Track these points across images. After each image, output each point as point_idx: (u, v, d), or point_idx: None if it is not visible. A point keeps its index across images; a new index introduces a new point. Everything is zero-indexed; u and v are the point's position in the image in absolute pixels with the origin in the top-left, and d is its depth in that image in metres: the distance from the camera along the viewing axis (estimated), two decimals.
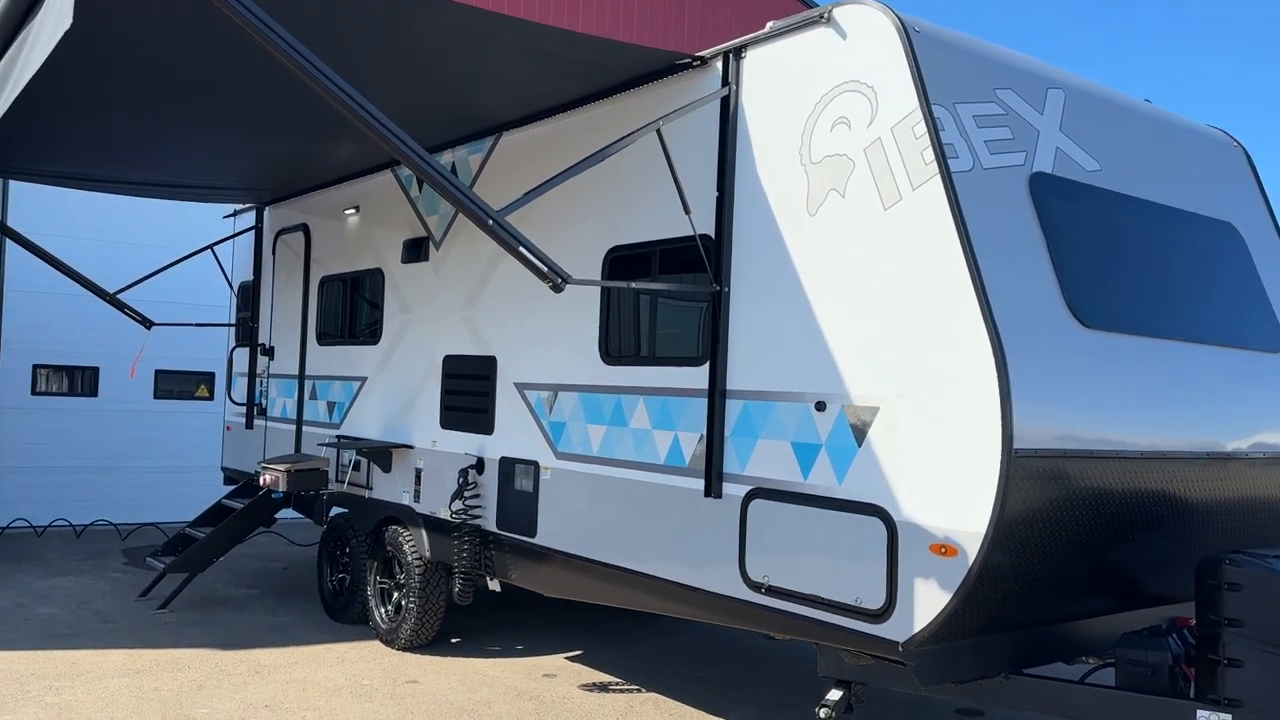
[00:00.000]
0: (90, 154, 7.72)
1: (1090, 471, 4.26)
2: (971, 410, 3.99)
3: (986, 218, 4.23)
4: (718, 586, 5.05)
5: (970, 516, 3.99)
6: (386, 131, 4.04)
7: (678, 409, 5.36)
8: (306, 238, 9.24)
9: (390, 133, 4.05)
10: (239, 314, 10.61)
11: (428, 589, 7.36)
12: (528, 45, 5.18)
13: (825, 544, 4.53)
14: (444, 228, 7.38)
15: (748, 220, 5.04)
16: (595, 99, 6.10)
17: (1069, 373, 4.26)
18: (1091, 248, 4.65)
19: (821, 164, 4.70)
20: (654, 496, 5.45)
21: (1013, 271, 4.21)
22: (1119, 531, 4.52)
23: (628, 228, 5.78)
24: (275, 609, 8.65)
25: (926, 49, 4.42)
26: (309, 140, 7.54)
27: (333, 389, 8.67)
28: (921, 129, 4.28)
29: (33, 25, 4.27)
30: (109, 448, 13.02)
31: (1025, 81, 4.80)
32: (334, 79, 3.94)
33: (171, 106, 6.49)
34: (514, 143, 6.79)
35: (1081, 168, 4.85)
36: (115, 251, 12.35)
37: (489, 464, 6.73)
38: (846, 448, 4.47)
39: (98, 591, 9.05)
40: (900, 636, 4.20)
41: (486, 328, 6.87)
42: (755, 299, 4.99)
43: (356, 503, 8.11)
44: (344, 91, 3.97)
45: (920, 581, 4.14)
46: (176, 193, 9.47)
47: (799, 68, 4.86)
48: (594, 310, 5.95)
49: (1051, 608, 4.54)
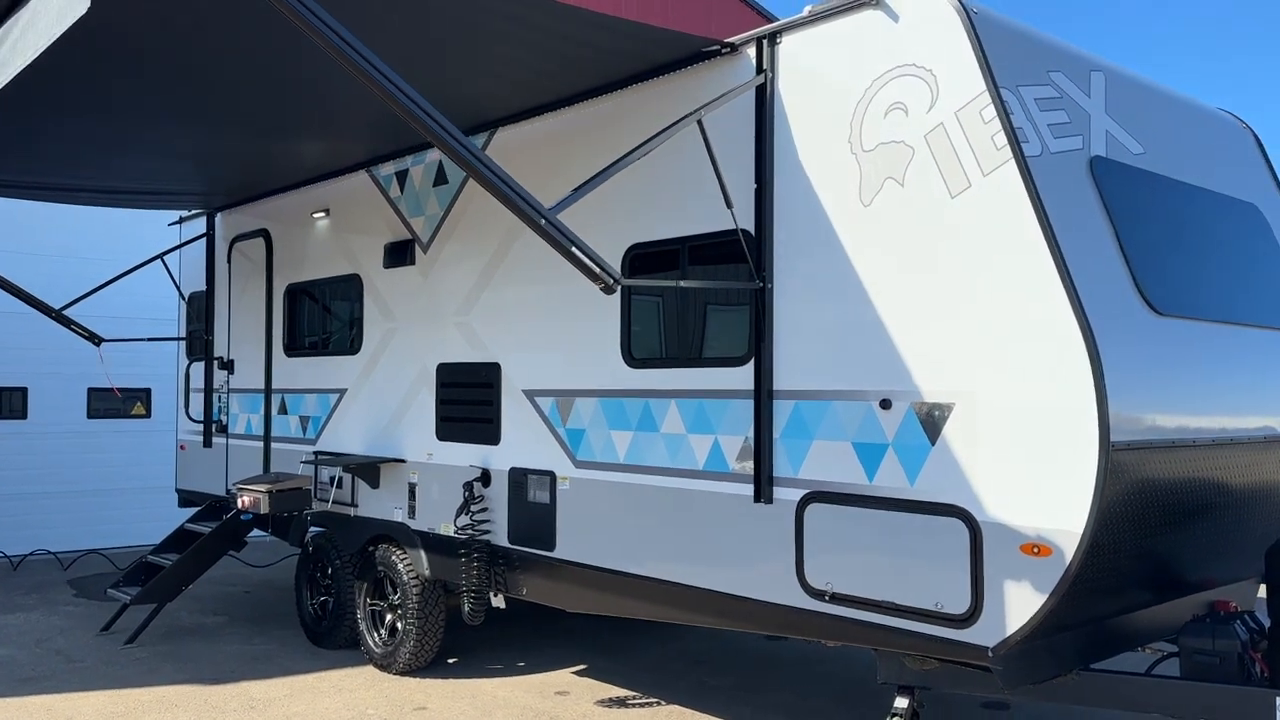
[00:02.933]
0: (38, 160, 7.14)
1: (1170, 461, 4.16)
2: (1064, 403, 3.85)
3: (1060, 203, 4.10)
4: (772, 595, 4.83)
5: (1066, 514, 3.84)
6: (438, 126, 3.72)
7: (717, 411, 5.13)
8: (268, 244, 8.74)
9: (440, 126, 3.73)
10: (190, 327, 10.02)
11: (426, 609, 6.99)
12: (546, 28, 4.87)
13: (897, 548, 4.35)
14: (431, 230, 7.02)
15: (792, 212, 4.84)
16: (603, 91, 5.83)
17: (1147, 361, 4.15)
18: (1149, 232, 4.56)
19: (875, 152, 4.51)
20: (693, 503, 5.21)
21: (1089, 258, 4.09)
22: (1185, 520, 4.44)
23: (650, 224, 5.52)
24: (251, 637, 8.17)
25: (987, 30, 4.27)
26: (273, 139, 7.10)
27: (306, 403, 8.21)
28: (991, 113, 4.12)
29: (20, 15, 3.83)
30: (42, 472, 12.24)
31: (1071, 63, 4.69)
32: (379, 65, 3.60)
33: (130, 104, 6.01)
34: (510, 139, 6.47)
35: (1129, 151, 4.76)
36: (55, 265, 11.60)
37: (496, 476, 6.40)
38: (918, 447, 4.30)
39: (53, 628, 8.43)
40: (990, 640, 4.05)
41: (487, 332, 6.54)
42: (804, 294, 4.78)
43: (340, 521, 7.68)
44: (387, 78, 3.64)
45: (1011, 583, 3.99)
46: (124, 199, 8.88)
47: (844, 53, 4.66)
48: (614, 311, 5.68)
49: (1124, 600, 4.44)
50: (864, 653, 7.46)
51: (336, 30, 3.52)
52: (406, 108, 3.67)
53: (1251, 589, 5.34)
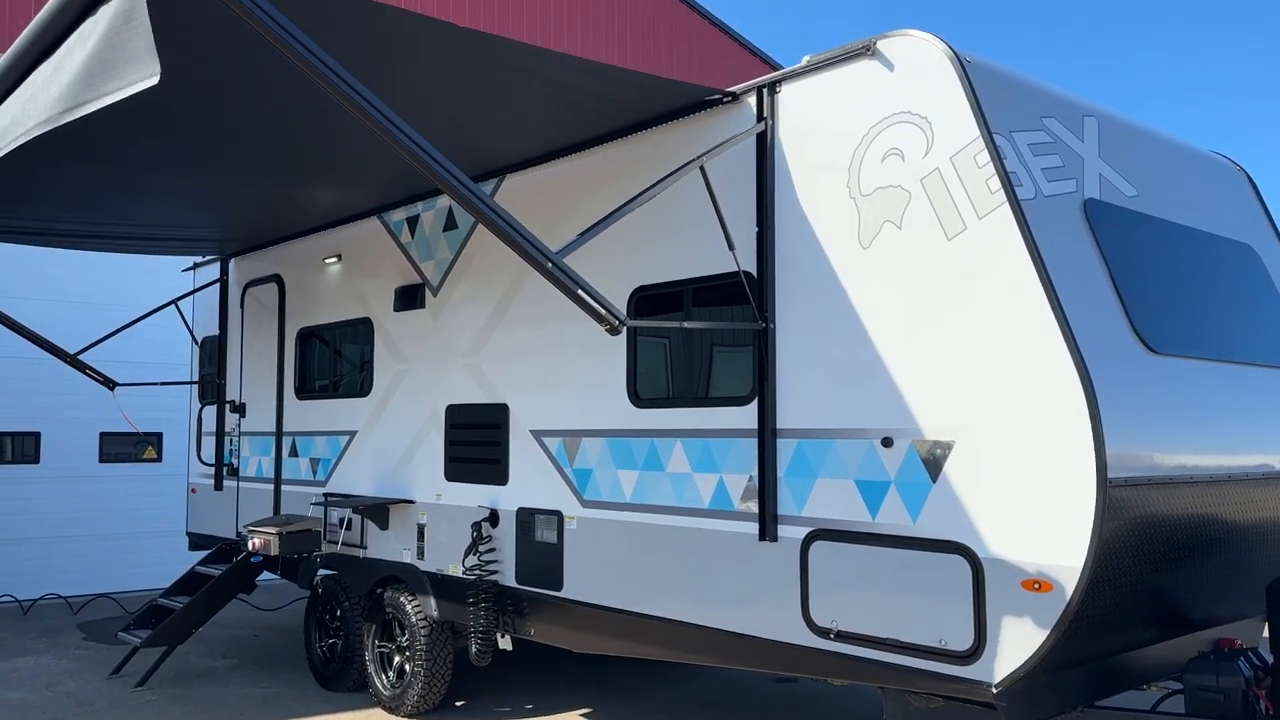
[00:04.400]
0: (56, 207, 7.31)
1: (1169, 497, 4.22)
2: (1061, 441, 3.91)
3: (1054, 244, 4.19)
4: (777, 634, 4.87)
5: (1066, 550, 3.90)
6: (443, 170, 3.84)
7: (721, 450, 5.20)
8: (280, 289, 8.89)
9: (449, 173, 3.85)
10: (203, 371, 10.14)
11: (434, 651, 7.01)
12: (552, 78, 5.02)
13: (901, 585, 4.40)
14: (441, 274, 7.14)
15: (792, 255, 4.94)
16: (608, 139, 5.97)
17: (1143, 399, 4.22)
18: (1144, 272, 4.65)
19: (873, 196, 4.63)
20: (699, 542, 5.27)
21: (1083, 298, 4.18)
22: (1186, 556, 4.48)
23: (655, 267, 5.64)
24: (260, 680, 8.18)
25: (980, 78, 4.40)
26: (290, 185, 7.26)
27: (316, 445, 8.30)
28: (985, 158, 4.24)
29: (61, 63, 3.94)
30: (54, 516, 12.29)
31: (1064, 109, 4.81)
32: (394, 118, 3.73)
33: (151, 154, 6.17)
34: (518, 185, 6.61)
35: (1122, 193, 4.87)
36: (67, 311, 11.75)
37: (504, 516, 6.46)
38: (919, 484, 4.36)
39: (64, 671, 8.46)
40: (993, 677, 4.08)
41: (496, 374, 6.64)
42: (805, 334, 4.87)
43: (349, 563, 7.73)
44: (400, 129, 3.77)
45: (1012, 620, 4.03)
46: (140, 246, 9.04)
47: (842, 101, 4.80)
48: (619, 352, 5.78)
49: (1127, 637, 4.47)
50: (872, 693, 7.44)
51: (352, 85, 3.66)
52: (419, 157, 3.80)
53: (1256, 626, 5.35)
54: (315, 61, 3.57)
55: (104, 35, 3.43)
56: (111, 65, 3.35)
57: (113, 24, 3.46)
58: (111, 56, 3.38)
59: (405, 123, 3.80)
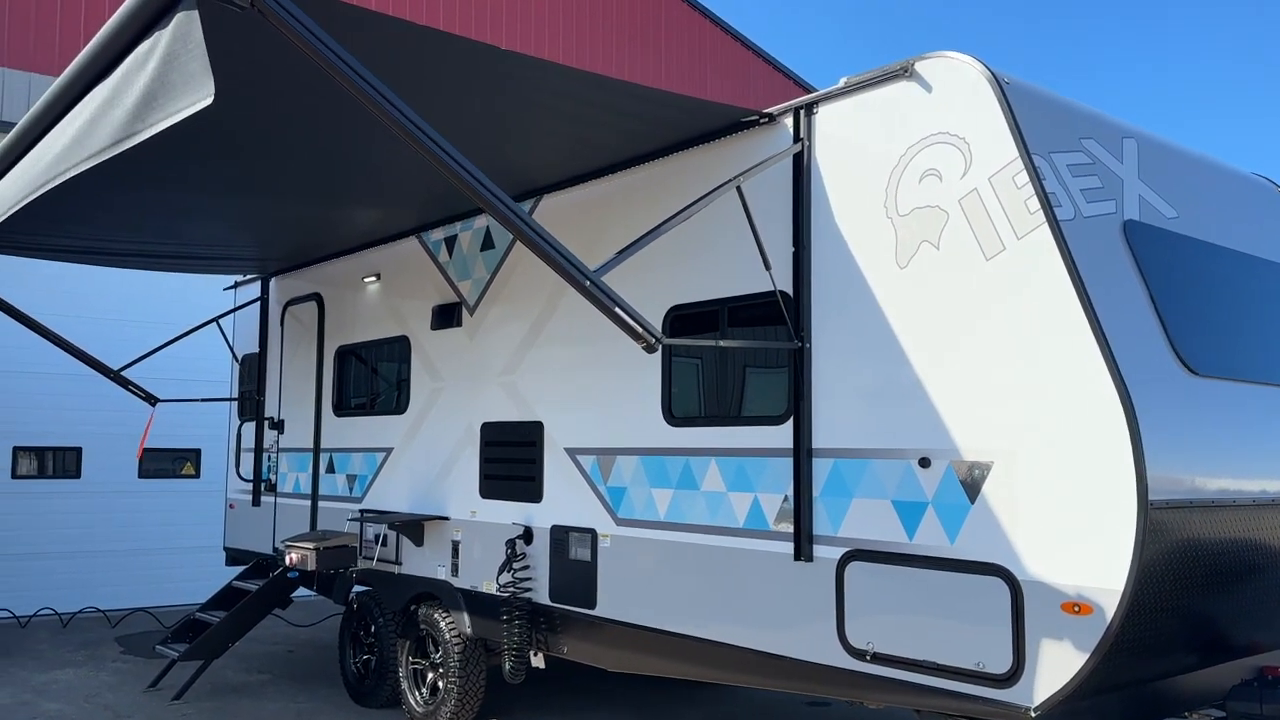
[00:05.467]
0: (105, 227, 7.46)
1: (1211, 521, 4.17)
2: (1102, 462, 3.89)
3: (1094, 265, 4.18)
4: (812, 655, 4.85)
5: (1107, 573, 3.86)
6: (485, 190, 3.90)
7: (756, 470, 5.20)
8: (320, 307, 9.01)
9: (491, 193, 3.91)
10: (243, 388, 10.29)
11: (468, 668, 7.04)
12: (592, 100, 5.08)
13: (938, 607, 4.37)
14: (478, 293, 7.22)
15: (829, 275, 4.96)
16: (645, 160, 6.03)
17: (1184, 420, 4.19)
18: (1185, 294, 4.62)
19: (910, 216, 4.64)
20: (733, 561, 5.26)
21: (1123, 319, 4.16)
22: (1229, 580, 4.42)
23: (690, 286, 5.67)
24: (295, 695, 8.24)
25: (1019, 99, 4.40)
26: (331, 206, 7.37)
27: (353, 461, 8.38)
28: (1023, 178, 4.24)
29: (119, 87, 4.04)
30: (93, 531, 12.50)
31: (1103, 130, 4.80)
32: (439, 140, 3.80)
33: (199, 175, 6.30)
34: (555, 205, 6.68)
35: (1162, 215, 4.84)
36: (106, 329, 11.96)
37: (538, 533, 6.49)
38: (957, 505, 4.34)
39: (102, 684, 8.56)
40: (1031, 700, 4.04)
41: (531, 392, 6.68)
42: (841, 354, 4.88)
43: (384, 579, 7.78)
44: (445, 150, 3.84)
45: (1052, 642, 3.99)
46: (184, 265, 9.20)
47: (879, 121, 4.82)
48: (654, 371, 5.81)
49: (1167, 662, 4.41)
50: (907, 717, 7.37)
51: (399, 107, 3.73)
52: (462, 177, 3.86)
53: None
54: (362, 84, 3.65)
55: (162, 58, 3.52)
56: (171, 87, 3.44)
57: (170, 47, 3.55)
58: (170, 79, 3.47)
59: (448, 142, 3.86)
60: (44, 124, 4.83)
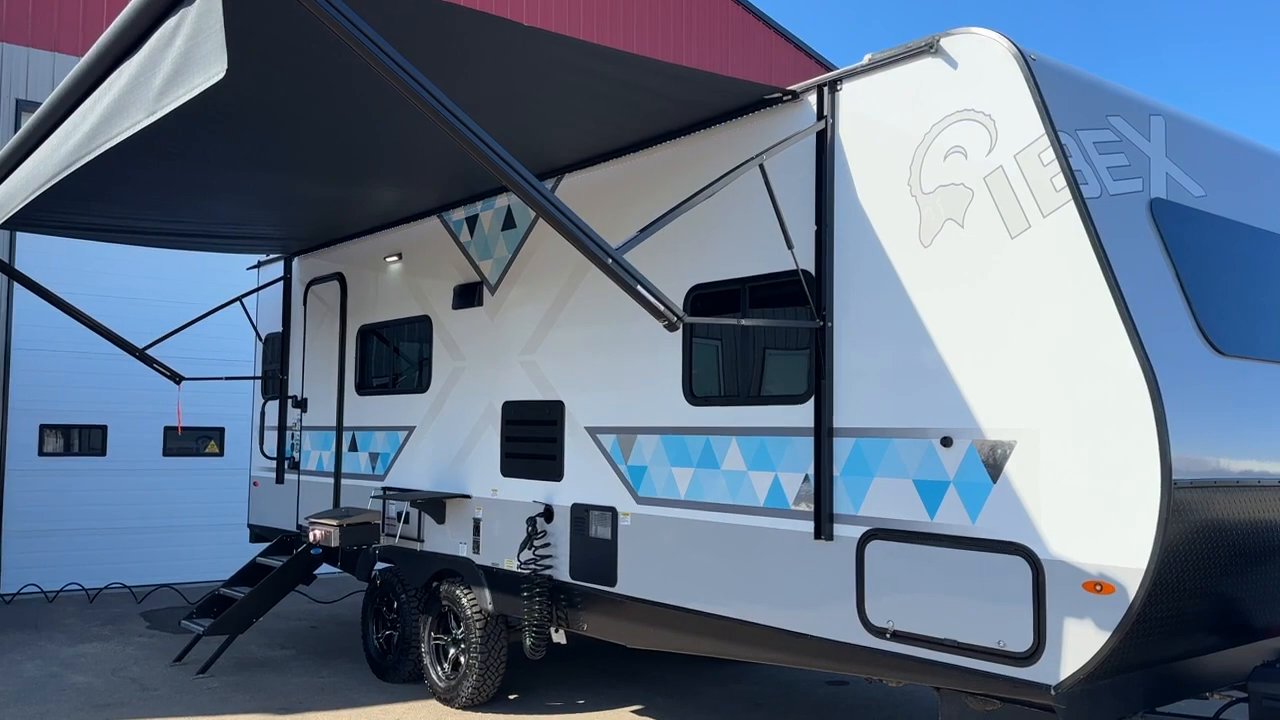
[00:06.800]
0: (130, 205, 7.52)
1: (1235, 501, 4.15)
2: (1126, 442, 3.87)
3: (1119, 243, 4.15)
4: (833, 633, 4.87)
5: (1129, 552, 3.85)
6: (507, 166, 3.91)
7: (777, 449, 5.21)
8: (342, 287, 9.05)
9: (513, 169, 3.91)
10: (266, 366, 10.37)
11: (489, 644, 7.10)
12: (616, 78, 5.07)
13: (959, 585, 4.37)
14: (499, 272, 7.24)
15: (852, 253, 4.94)
16: (667, 139, 6.01)
17: (1210, 400, 4.16)
18: (1212, 273, 4.57)
19: (935, 194, 4.61)
20: (754, 540, 5.28)
21: (1149, 298, 4.12)
22: (1253, 561, 4.40)
23: (712, 265, 5.66)
24: (318, 669, 8.34)
25: (1045, 76, 4.36)
26: (353, 185, 7.40)
27: (375, 440, 8.44)
28: (1049, 155, 4.20)
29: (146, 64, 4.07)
30: (119, 508, 12.66)
31: (1130, 108, 4.75)
32: (464, 118, 3.80)
33: (224, 154, 6.33)
34: (577, 184, 6.68)
35: (1190, 193, 4.79)
36: (127, 309, 12.07)
37: (559, 511, 6.52)
38: (979, 484, 4.33)
39: (129, 658, 8.69)
40: (1052, 679, 4.04)
41: (552, 371, 6.70)
42: (863, 333, 4.87)
43: (406, 556, 7.85)
44: (470, 129, 3.84)
45: (1073, 621, 3.99)
46: (210, 243, 9.26)
47: (904, 99, 4.79)
48: (675, 350, 5.81)
49: (1188, 642, 4.40)
50: (926, 699, 7.38)
51: (422, 83, 3.74)
52: (486, 155, 3.87)
53: None
54: (388, 60, 3.66)
55: (189, 35, 3.55)
56: (193, 63, 3.47)
57: (196, 23, 3.58)
58: (194, 55, 3.50)
59: (472, 120, 3.87)
60: (70, 102, 4.88)
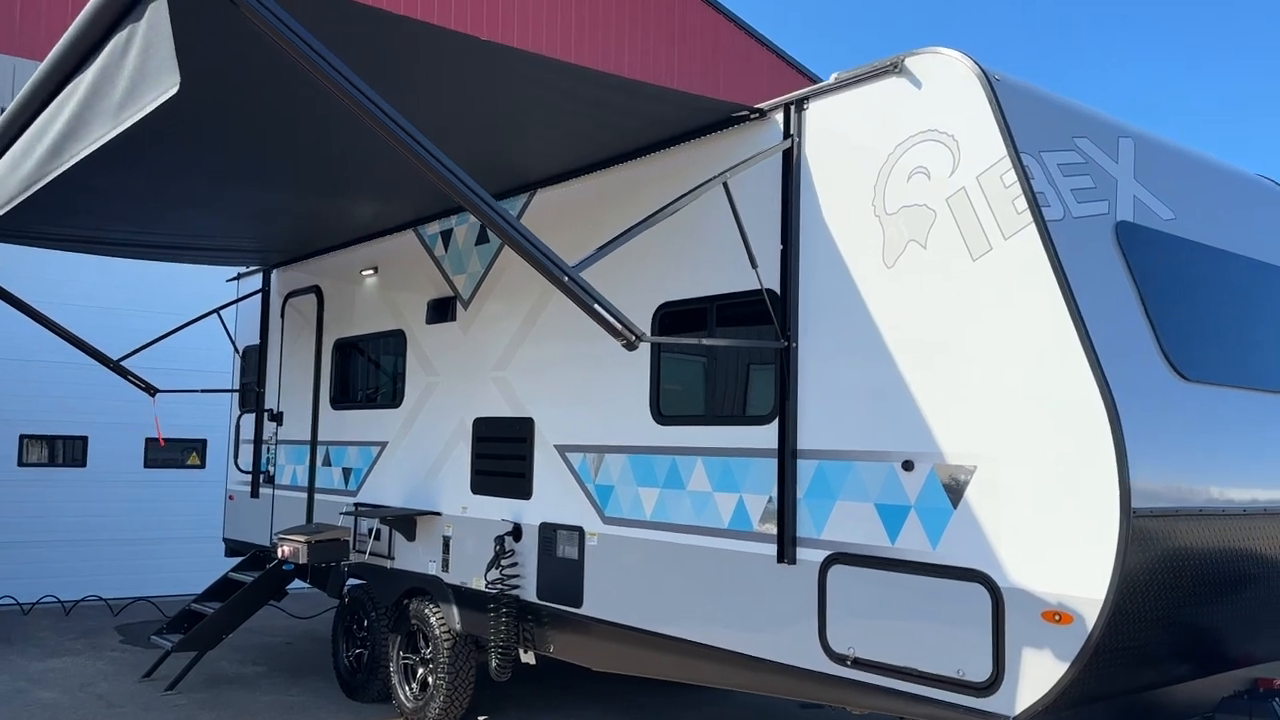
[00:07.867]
0: (105, 217, 7.46)
1: (1199, 530, 4.08)
2: (1084, 468, 3.80)
3: (1082, 267, 4.09)
4: (794, 659, 4.79)
5: (1087, 581, 3.78)
6: (460, 184, 3.85)
7: (741, 470, 5.14)
8: (319, 300, 8.99)
9: (467, 187, 3.86)
10: (243, 379, 10.30)
11: (457, 664, 7.01)
12: (582, 95, 5.02)
13: (919, 612, 4.30)
14: (472, 287, 7.18)
15: (816, 273, 4.88)
16: (636, 155, 5.96)
17: (1173, 427, 4.09)
18: (1178, 298, 4.52)
19: (898, 215, 4.56)
20: (717, 562, 5.20)
21: (1112, 323, 4.07)
22: (1219, 591, 4.33)
23: (680, 283, 5.60)
24: (288, 687, 8.24)
25: (1008, 96, 4.31)
26: (327, 198, 7.34)
27: (349, 454, 8.36)
28: (1011, 177, 4.15)
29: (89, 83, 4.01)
30: (98, 519, 12.54)
31: (1098, 129, 4.70)
32: (406, 126, 3.75)
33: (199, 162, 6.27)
34: (549, 200, 6.63)
35: (1159, 216, 4.74)
36: (110, 319, 11.99)
37: (527, 530, 6.45)
38: (940, 509, 4.26)
39: (97, 673, 8.59)
40: (1011, 710, 3.96)
41: (522, 388, 6.64)
42: (827, 354, 4.80)
43: (376, 573, 7.76)
44: (421, 144, 3.78)
45: (1032, 651, 3.91)
46: (187, 255, 9.20)
47: (869, 118, 4.74)
48: (643, 369, 5.75)
49: (1153, 673, 4.32)
50: None
51: (373, 100, 3.68)
52: (432, 167, 3.81)
53: None
54: (333, 73, 3.60)
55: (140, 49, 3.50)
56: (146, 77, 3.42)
57: (146, 36, 3.52)
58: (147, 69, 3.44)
59: (423, 135, 3.81)
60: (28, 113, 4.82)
